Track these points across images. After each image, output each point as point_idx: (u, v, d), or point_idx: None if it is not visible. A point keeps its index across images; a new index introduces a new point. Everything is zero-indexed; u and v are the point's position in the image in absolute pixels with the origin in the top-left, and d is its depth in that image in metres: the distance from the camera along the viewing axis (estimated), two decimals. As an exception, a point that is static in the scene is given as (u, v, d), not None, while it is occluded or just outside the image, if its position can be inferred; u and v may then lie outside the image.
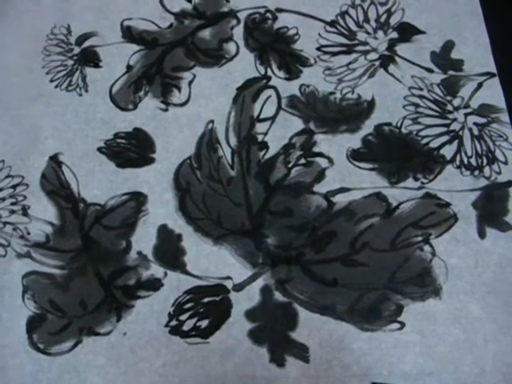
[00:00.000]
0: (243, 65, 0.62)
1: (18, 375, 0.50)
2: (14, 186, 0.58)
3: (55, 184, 0.58)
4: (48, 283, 0.54)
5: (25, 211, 0.57)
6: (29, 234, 0.56)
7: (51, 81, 0.63)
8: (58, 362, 0.50)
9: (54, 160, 0.59)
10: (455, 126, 0.56)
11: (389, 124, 0.57)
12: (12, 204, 0.57)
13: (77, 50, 0.65)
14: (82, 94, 0.62)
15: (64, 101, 0.62)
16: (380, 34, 0.61)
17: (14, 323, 0.52)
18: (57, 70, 0.64)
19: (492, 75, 0.59)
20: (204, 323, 0.50)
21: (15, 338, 0.52)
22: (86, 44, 0.65)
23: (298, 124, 0.58)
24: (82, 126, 0.61)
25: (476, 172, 0.54)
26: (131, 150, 0.58)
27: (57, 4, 0.68)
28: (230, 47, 0.63)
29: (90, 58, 0.64)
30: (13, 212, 0.57)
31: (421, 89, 0.58)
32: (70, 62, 0.64)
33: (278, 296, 0.51)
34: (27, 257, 0.55)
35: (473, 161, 0.54)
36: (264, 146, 0.57)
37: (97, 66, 0.64)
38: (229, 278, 0.52)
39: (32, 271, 0.54)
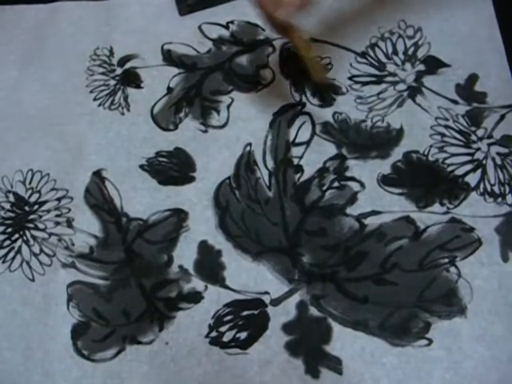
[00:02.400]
0: (279, 91, 0.65)
1: (64, 380, 0.52)
2: (59, 199, 0.61)
3: (99, 198, 0.61)
4: (92, 293, 0.56)
5: (69, 223, 0.59)
6: (73, 245, 0.58)
7: (94, 99, 0.67)
8: (102, 368, 0.52)
9: (98, 175, 0.62)
10: (479, 156, 0.59)
11: (416, 152, 0.59)
12: (57, 216, 0.60)
13: (119, 70, 0.68)
14: (124, 112, 0.65)
15: (107, 119, 0.65)
16: (408, 65, 0.65)
17: (60, 330, 0.54)
18: (100, 89, 0.67)
19: (514, 108, 0.62)
20: (243, 335, 0.53)
21: (60, 344, 0.54)
22: (128, 65, 0.69)
23: (331, 149, 0.60)
24: (125, 143, 0.63)
25: (499, 199, 0.56)
26: (172, 168, 0.61)
27: (99, 27, 0.72)
28: (266, 74, 0.66)
29: (131, 78, 0.68)
30: (57, 223, 0.60)
31: (446, 119, 0.61)
32: (113, 82, 0.68)
33: (313, 311, 0.53)
34: (72, 267, 0.57)
35: (496, 188, 0.57)
36: (299, 169, 0.59)
37: (138, 86, 0.67)
38: (266, 293, 0.54)
39: (76, 281, 0.56)
